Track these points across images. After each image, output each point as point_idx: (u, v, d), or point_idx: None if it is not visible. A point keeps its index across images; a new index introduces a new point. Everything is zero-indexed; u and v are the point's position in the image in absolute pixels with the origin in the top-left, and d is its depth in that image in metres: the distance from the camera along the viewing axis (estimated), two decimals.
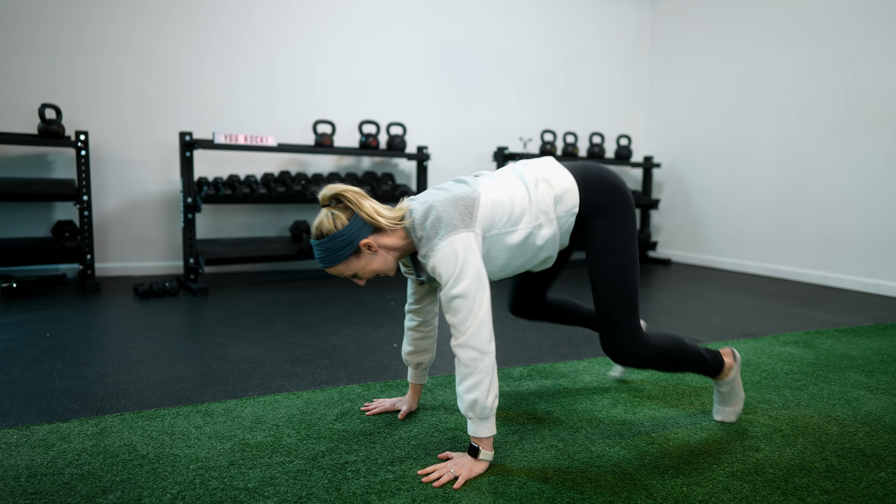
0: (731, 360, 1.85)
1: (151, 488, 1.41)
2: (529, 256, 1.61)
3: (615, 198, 1.61)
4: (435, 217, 1.47)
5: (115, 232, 4.36)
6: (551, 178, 1.60)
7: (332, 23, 4.83)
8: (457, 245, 1.44)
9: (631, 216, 1.64)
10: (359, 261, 1.52)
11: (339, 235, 1.48)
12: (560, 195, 1.58)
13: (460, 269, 1.43)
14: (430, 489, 1.42)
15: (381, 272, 1.57)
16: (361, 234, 1.50)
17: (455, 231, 1.45)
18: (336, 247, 1.49)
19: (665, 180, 5.95)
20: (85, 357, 2.43)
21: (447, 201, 1.49)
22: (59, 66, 4.10)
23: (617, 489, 1.44)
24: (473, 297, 1.44)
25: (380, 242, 1.53)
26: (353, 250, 1.50)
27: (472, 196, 1.51)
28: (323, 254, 1.50)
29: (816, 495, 1.43)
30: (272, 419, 1.82)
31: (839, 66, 4.50)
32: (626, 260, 1.60)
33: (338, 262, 1.51)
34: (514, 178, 1.60)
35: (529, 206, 1.55)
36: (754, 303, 3.85)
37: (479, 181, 1.58)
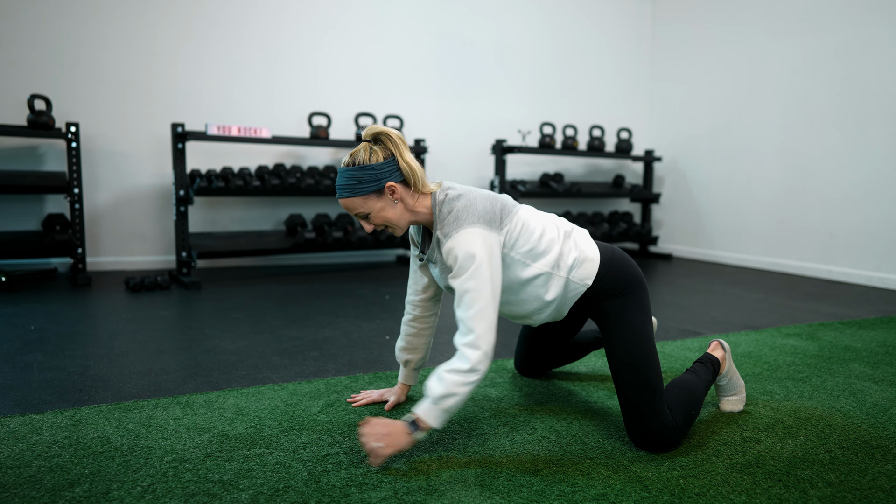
0: (722, 351, 1.81)
1: (121, 481, 1.34)
2: (529, 299, 1.56)
3: (634, 284, 1.60)
4: (469, 203, 1.44)
5: (108, 226, 4.30)
6: (581, 242, 1.59)
7: (329, 14, 4.77)
8: (482, 238, 1.41)
9: (648, 303, 1.61)
10: (377, 202, 1.47)
11: (371, 168, 1.44)
12: (581, 260, 1.56)
13: (480, 262, 1.40)
14: (413, 482, 1.35)
15: (392, 225, 1.52)
16: (392, 176, 1.46)
17: (481, 224, 1.42)
18: (364, 178, 1.44)
19: (666, 174, 5.87)
20: (68, 349, 2.37)
21: (486, 196, 1.49)
22: (51, 57, 4.04)
23: (610, 481, 1.37)
24: (489, 295, 1.40)
25: (404, 196, 1.49)
26: (378, 188, 1.45)
27: (509, 205, 1.51)
28: (347, 181, 1.46)
29: (820, 488, 1.36)
30: (254, 411, 1.76)
31: (842, 56, 4.42)
32: (646, 342, 1.55)
33: (358, 194, 1.46)
34: (552, 222, 1.58)
35: (552, 251, 1.53)
36: (756, 296, 3.78)
37: (520, 204, 1.58)
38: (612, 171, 6.03)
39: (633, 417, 1.52)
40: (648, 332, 1.57)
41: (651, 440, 1.50)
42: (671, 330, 2.84)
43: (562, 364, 2.09)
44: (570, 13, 5.68)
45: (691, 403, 1.60)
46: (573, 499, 1.30)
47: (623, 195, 5.56)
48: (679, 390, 1.62)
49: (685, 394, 1.60)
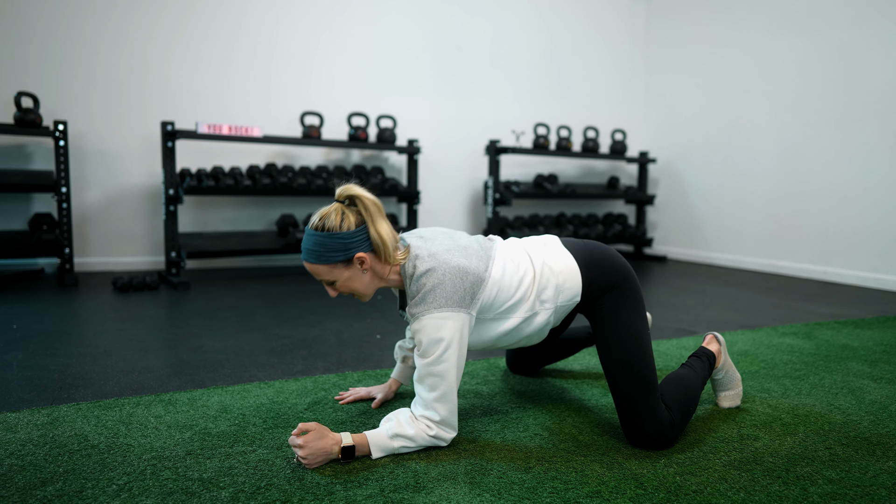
0: (717, 345, 1.77)
1: (96, 479, 1.29)
2: (518, 338, 1.54)
3: (621, 279, 1.54)
4: (437, 283, 1.37)
5: (97, 226, 4.24)
6: (555, 264, 1.52)
7: (322, 14, 4.74)
8: (447, 324, 1.36)
9: (638, 295, 1.55)
10: (345, 271, 1.41)
11: (341, 236, 1.37)
12: (562, 284, 1.51)
13: (445, 347, 1.36)
14: (400, 479, 1.31)
15: (357, 294, 1.47)
16: (362, 246, 1.40)
17: (450, 308, 1.37)
18: (332, 246, 1.38)
19: (661, 176, 5.85)
20: (50, 348, 2.31)
21: (455, 271, 1.39)
22: (39, 54, 3.99)
23: (604, 479, 1.33)
24: (452, 380, 1.38)
25: (374, 265, 1.43)
26: (346, 258, 1.39)
27: (480, 275, 1.42)
28: (315, 247, 1.39)
29: (820, 484, 1.32)
30: (238, 408, 1.71)
31: (838, 56, 4.41)
32: (639, 338, 1.50)
33: (324, 262, 1.39)
34: (526, 259, 1.52)
35: (531, 294, 1.49)
36: (752, 297, 3.75)
37: (492, 254, 1.48)
38: (606, 172, 6.01)
39: (628, 415, 1.47)
40: (641, 328, 1.52)
41: (647, 437, 1.46)
42: (666, 329, 2.80)
43: (554, 361, 2.05)
44: (565, 13, 5.67)
45: (688, 399, 1.56)
46: (566, 496, 1.25)
47: (617, 197, 5.53)
48: (675, 386, 1.58)
49: (681, 389, 1.56)
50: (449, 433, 1.42)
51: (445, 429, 1.41)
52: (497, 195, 4.88)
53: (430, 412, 1.39)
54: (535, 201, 5.63)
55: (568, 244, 1.59)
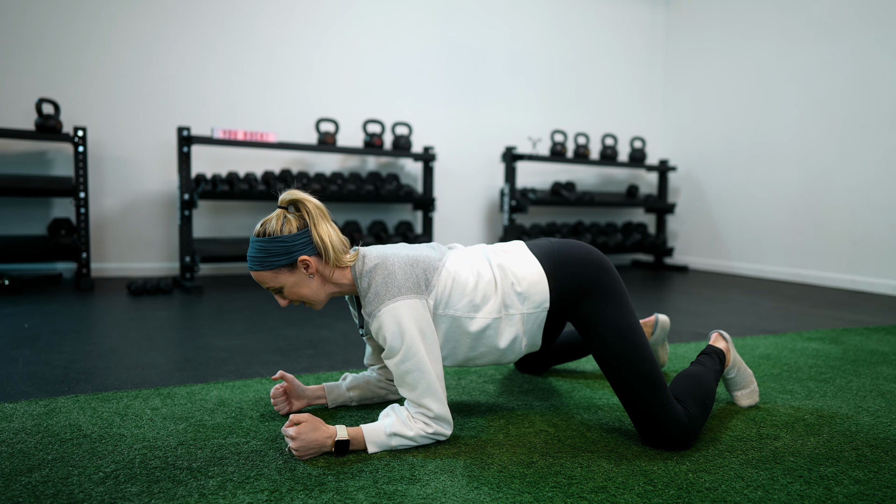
0: (724, 342, 1.69)
1: (83, 467, 1.25)
2: (491, 347, 1.44)
3: (594, 277, 1.44)
4: (387, 274, 1.34)
5: (114, 232, 4.28)
6: (519, 269, 1.43)
7: (336, 21, 4.77)
8: (403, 312, 1.31)
9: (619, 288, 1.45)
10: (290, 276, 1.37)
11: (282, 240, 1.34)
12: (526, 291, 1.42)
13: (411, 339, 1.31)
14: (396, 471, 1.25)
15: (308, 301, 1.41)
16: (305, 249, 1.36)
17: (403, 295, 1.32)
18: (273, 250, 1.34)
19: (681, 184, 5.74)
20: (57, 345, 2.30)
21: (404, 260, 1.37)
22: (59, 62, 4.07)
23: (611, 475, 1.25)
24: (430, 370, 1.32)
25: (320, 269, 1.39)
26: (289, 262, 1.35)
27: (433, 263, 1.39)
28: (257, 253, 1.35)
29: (846, 485, 1.23)
30: (237, 402, 1.67)
31: (861, 59, 4.29)
32: (632, 334, 1.41)
33: (268, 268, 1.35)
34: (484, 260, 1.46)
35: (494, 295, 1.41)
36: (776, 304, 3.62)
37: (448, 252, 1.46)
38: (625, 181, 5.92)
39: (642, 418, 1.38)
40: (630, 323, 1.42)
41: (666, 437, 1.36)
42: (684, 333, 2.70)
43: (562, 361, 1.97)
44: (582, 21, 5.64)
45: (704, 393, 1.47)
46: (569, 491, 1.18)
47: (637, 205, 5.44)
48: (688, 381, 1.50)
49: (695, 384, 1.48)
50: (446, 429, 1.36)
51: (442, 424, 1.35)
52: (513, 202, 4.82)
53: (422, 410, 1.34)
54: (552, 209, 5.56)
55: (534, 247, 1.50)
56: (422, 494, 1.15)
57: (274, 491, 1.16)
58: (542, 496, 1.16)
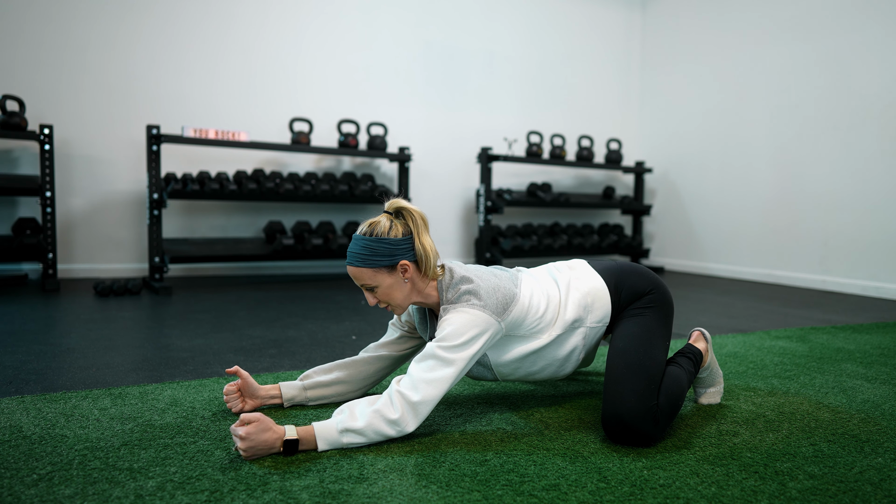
0: (704, 342, 1.68)
1: (17, 468, 1.20)
2: (547, 362, 1.52)
3: (651, 288, 1.56)
4: (473, 288, 1.41)
5: (82, 232, 4.19)
6: (581, 284, 1.55)
7: (312, 20, 4.73)
8: (476, 319, 1.37)
9: (668, 308, 1.56)
10: (387, 278, 1.42)
11: (389, 241, 1.40)
12: (590, 304, 1.52)
13: (465, 341, 1.35)
14: (344, 470, 1.21)
15: (394, 304, 1.46)
16: (407, 255, 1.42)
17: (484, 310, 1.39)
18: (379, 250, 1.39)
19: (657, 186, 5.78)
20: (11, 346, 2.23)
21: (489, 285, 1.43)
22: (26, 59, 3.98)
23: (565, 472, 1.23)
24: (453, 373, 1.34)
25: (414, 277, 1.45)
26: (391, 263, 1.40)
27: (512, 291, 1.45)
28: (362, 251, 1.40)
29: (801, 480, 1.22)
30: (190, 401, 1.62)
31: (833, 61, 4.35)
32: (656, 337, 1.49)
33: (370, 266, 1.40)
34: (551, 281, 1.56)
35: (560, 315, 1.50)
36: (747, 304, 3.64)
37: (520, 278, 1.53)
38: (601, 182, 5.94)
39: (610, 397, 1.36)
40: (662, 333, 1.52)
41: (626, 426, 1.33)
42: None
43: None
44: (559, 22, 5.65)
45: (676, 395, 1.46)
46: (521, 489, 1.15)
47: (613, 207, 5.45)
48: (665, 378, 1.48)
49: (671, 382, 1.47)
50: (411, 423, 1.31)
51: (411, 416, 1.31)
52: (489, 203, 4.81)
53: (411, 391, 1.31)
54: (528, 210, 5.56)
55: (596, 265, 1.61)
56: (368, 493, 1.12)
57: (215, 491, 1.12)
58: (491, 494, 1.13)
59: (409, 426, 1.32)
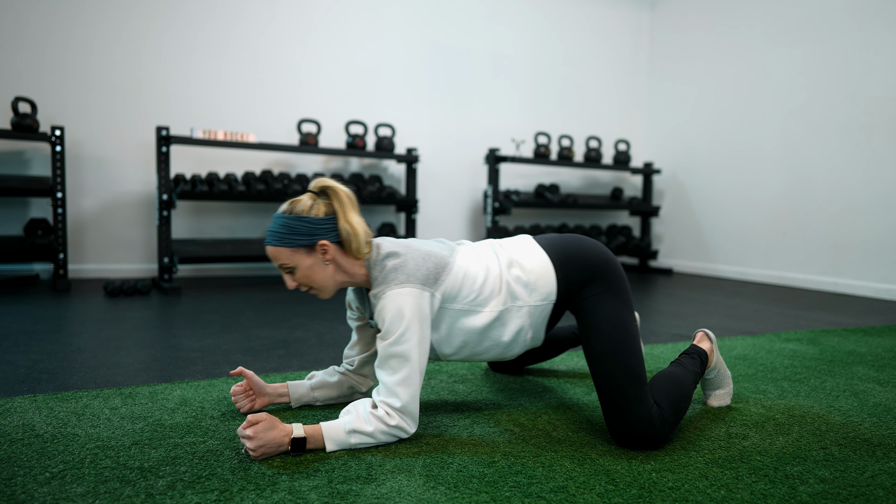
0: (709, 343, 1.67)
1: (30, 467, 1.21)
2: (493, 342, 1.44)
3: (602, 270, 1.46)
4: (399, 262, 1.36)
5: (92, 233, 4.22)
6: (525, 260, 1.46)
7: (320, 21, 4.75)
8: (408, 300, 1.32)
9: (623, 284, 1.47)
10: (306, 258, 1.37)
11: (308, 221, 1.35)
12: (533, 282, 1.44)
13: (408, 325, 1.31)
14: (352, 470, 1.22)
15: (316, 287, 1.40)
16: (328, 235, 1.36)
17: (411, 283, 1.33)
18: (297, 229, 1.35)
19: (666, 187, 5.75)
20: (24, 345, 2.25)
21: (417, 252, 1.39)
22: (37, 61, 4.02)
23: (573, 474, 1.23)
24: (415, 361, 1.31)
25: (337, 258, 1.39)
26: (309, 243, 1.35)
27: (444, 259, 1.40)
28: (279, 229, 1.36)
29: (811, 484, 1.21)
30: (199, 401, 1.63)
31: (843, 62, 4.32)
32: (623, 328, 1.41)
33: (287, 245, 1.35)
34: (492, 255, 1.48)
35: (501, 289, 1.42)
36: (756, 306, 3.62)
37: (457, 248, 1.48)
38: (609, 183, 5.92)
39: (613, 409, 1.36)
40: (626, 319, 1.42)
41: (634, 433, 1.33)
42: (662, 334, 2.69)
43: (537, 361, 1.95)
44: (567, 22, 5.65)
45: (679, 395, 1.45)
46: (528, 490, 1.15)
47: (621, 208, 5.44)
48: (664, 381, 1.47)
49: (671, 385, 1.46)
50: (410, 425, 1.33)
51: (406, 419, 1.32)
52: (496, 204, 4.81)
53: (391, 399, 1.31)
54: (536, 211, 5.55)
55: (542, 241, 1.52)
56: (376, 494, 1.12)
57: (224, 491, 1.13)
58: (499, 496, 1.13)
59: (409, 427, 1.33)
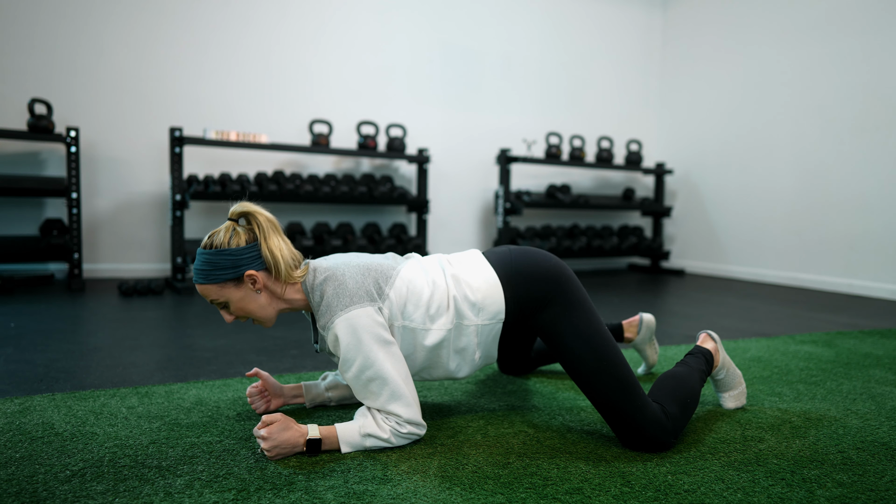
0: (712, 343, 1.66)
1: (50, 465, 1.23)
2: (446, 360, 1.40)
3: (553, 286, 1.40)
4: (338, 284, 1.31)
5: (107, 233, 4.26)
6: (473, 279, 1.40)
7: (330, 22, 4.77)
8: (358, 321, 1.28)
9: (580, 294, 1.41)
10: (236, 291, 1.33)
11: (228, 253, 1.31)
12: (480, 301, 1.39)
13: (366, 349, 1.27)
14: (368, 471, 1.22)
15: (256, 318, 1.37)
16: (253, 264, 1.32)
17: (356, 304, 1.29)
18: (219, 263, 1.30)
19: (678, 187, 5.72)
20: (41, 344, 2.28)
21: (355, 269, 1.34)
22: (53, 63, 4.07)
23: (588, 476, 1.22)
24: (393, 374, 1.28)
25: (269, 285, 1.35)
26: (235, 276, 1.31)
27: (385, 272, 1.36)
28: (202, 266, 1.31)
29: (829, 488, 1.20)
30: (215, 401, 1.64)
31: (858, 61, 4.28)
32: (599, 339, 1.37)
33: (213, 282, 1.31)
34: (438, 270, 1.43)
35: (449, 306, 1.38)
36: (771, 308, 3.59)
37: (403, 261, 1.43)
38: (621, 184, 5.90)
39: (619, 422, 1.35)
40: (597, 329, 1.39)
41: (644, 438, 1.33)
42: (675, 336, 2.67)
43: (548, 363, 1.95)
44: (578, 22, 5.63)
45: (685, 394, 1.44)
46: (544, 492, 1.15)
47: (633, 208, 5.41)
48: (669, 381, 1.47)
49: (676, 384, 1.45)
50: (420, 430, 1.34)
51: (414, 427, 1.32)
52: (507, 205, 4.80)
53: (391, 418, 1.31)
54: (547, 212, 5.54)
55: (491, 255, 1.47)
56: (392, 495, 1.13)
57: (242, 490, 1.14)
58: (515, 497, 1.13)
59: (419, 431, 1.33)
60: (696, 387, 1.48)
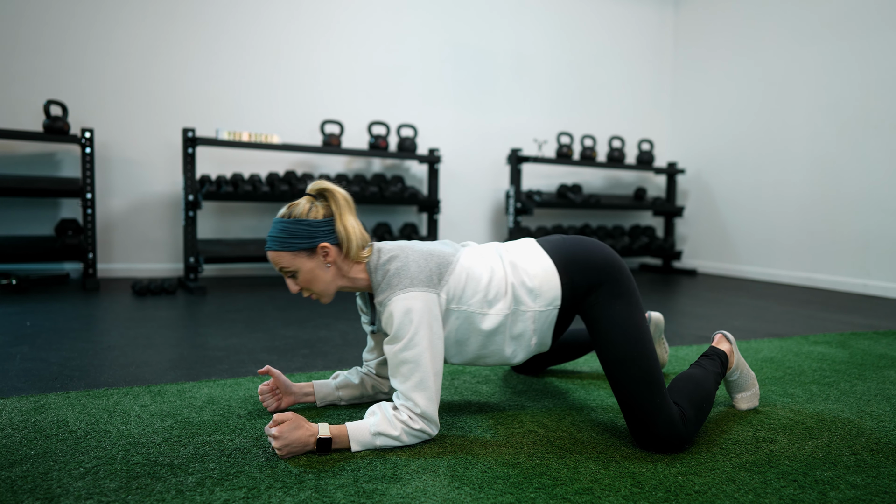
0: (727, 344, 1.65)
1: (64, 462, 1.25)
2: (501, 346, 1.43)
3: (606, 273, 1.43)
4: (401, 265, 1.35)
5: (121, 233, 4.31)
6: (531, 266, 1.43)
7: (341, 23, 4.78)
8: (414, 303, 1.31)
9: (629, 285, 1.44)
10: (307, 262, 1.37)
11: (306, 224, 1.36)
12: (537, 287, 1.41)
13: (416, 329, 1.30)
14: (377, 470, 1.23)
15: (317, 291, 1.40)
16: (328, 237, 1.37)
17: (416, 287, 1.33)
18: (297, 232, 1.35)
19: (690, 187, 5.68)
20: (56, 343, 2.31)
21: (419, 254, 1.39)
22: (68, 65, 4.12)
23: (598, 476, 1.22)
24: (428, 365, 1.31)
25: (338, 261, 1.39)
26: (310, 246, 1.36)
27: (447, 258, 1.40)
28: (279, 233, 1.36)
29: (842, 490, 1.19)
30: (226, 400, 1.66)
31: (872, 60, 4.22)
32: (635, 330, 1.39)
33: (288, 249, 1.36)
34: (496, 257, 1.46)
35: (507, 291, 1.40)
36: (784, 308, 3.56)
37: (462, 248, 1.47)
38: (633, 183, 5.87)
39: (636, 417, 1.35)
40: (637, 321, 1.40)
41: (658, 437, 1.32)
42: (686, 336, 2.66)
43: (559, 362, 1.94)
44: (589, 22, 5.61)
45: (701, 396, 1.43)
46: (553, 492, 1.15)
47: (645, 208, 5.38)
48: (685, 383, 1.46)
49: (692, 386, 1.45)
50: (432, 428, 1.34)
51: (427, 422, 1.33)
52: (518, 204, 4.80)
53: (409, 403, 1.31)
54: (558, 212, 5.53)
55: (545, 244, 1.49)
56: (401, 493, 1.13)
57: (252, 488, 1.14)
58: (524, 497, 1.13)
59: (431, 430, 1.34)
60: (712, 390, 1.48)
